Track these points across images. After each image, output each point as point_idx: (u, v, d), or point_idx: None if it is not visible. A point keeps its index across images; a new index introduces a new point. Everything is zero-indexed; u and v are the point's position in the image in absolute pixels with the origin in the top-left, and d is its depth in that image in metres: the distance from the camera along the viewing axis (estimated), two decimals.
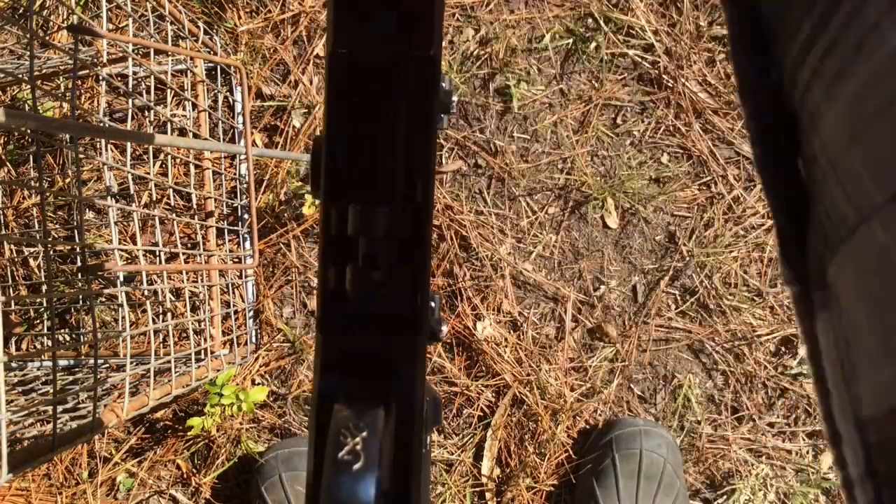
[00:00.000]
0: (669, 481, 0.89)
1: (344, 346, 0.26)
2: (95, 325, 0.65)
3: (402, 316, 0.26)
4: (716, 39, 1.01)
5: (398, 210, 0.26)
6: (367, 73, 0.27)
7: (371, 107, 0.27)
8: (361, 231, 0.26)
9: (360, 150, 0.27)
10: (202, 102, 0.97)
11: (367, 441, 0.22)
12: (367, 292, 0.26)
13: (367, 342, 0.26)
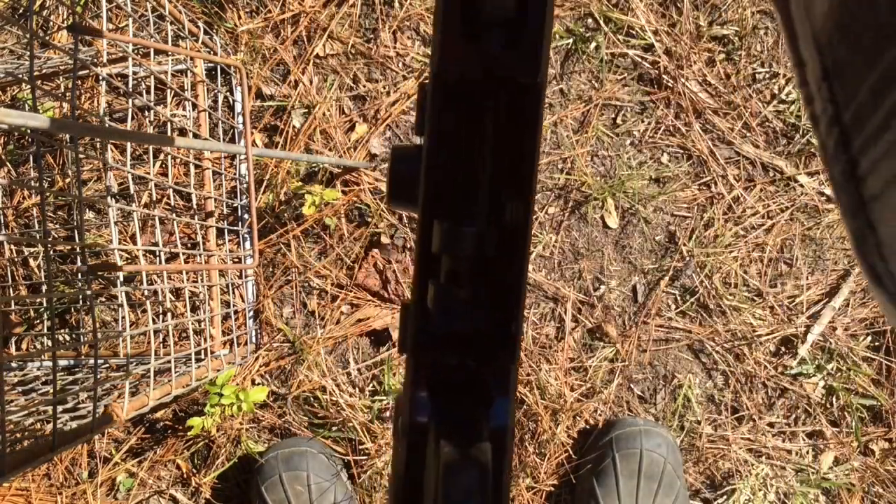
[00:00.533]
0: (670, 481, 0.89)
1: (437, 368, 0.25)
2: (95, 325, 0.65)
3: (498, 339, 0.25)
4: (716, 39, 1.01)
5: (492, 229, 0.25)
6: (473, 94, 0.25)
7: (473, 126, 0.26)
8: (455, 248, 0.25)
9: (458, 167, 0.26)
10: (202, 102, 0.97)
11: (480, 480, 0.21)
12: (462, 313, 0.25)
13: (460, 366, 0.25)
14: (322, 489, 0.91)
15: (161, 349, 0.98)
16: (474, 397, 0.25)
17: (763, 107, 1.00)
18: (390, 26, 1.02)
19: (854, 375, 0.98)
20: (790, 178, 1.00)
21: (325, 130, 1.01)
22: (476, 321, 0.25)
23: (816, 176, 1.00)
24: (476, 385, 0.25)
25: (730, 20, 1.01)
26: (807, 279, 0.99)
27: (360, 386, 1.00)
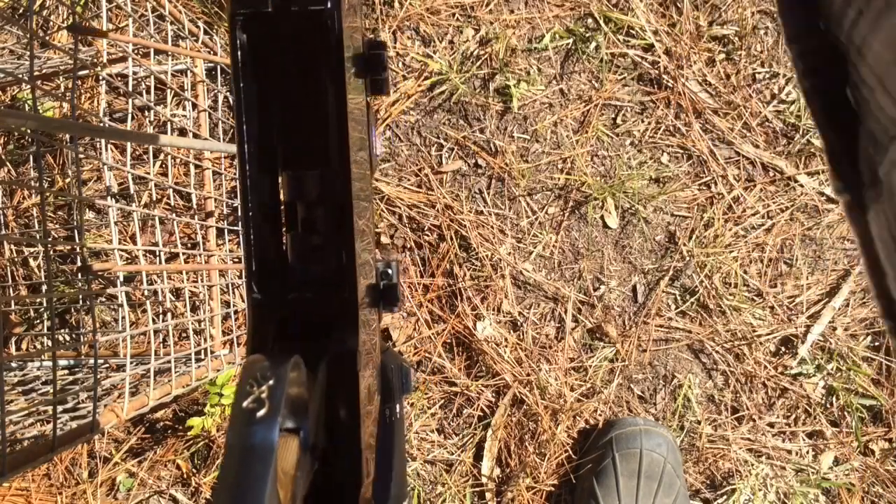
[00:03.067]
0: (670, 481, 0.89)
1: (276, 311, 0.26)
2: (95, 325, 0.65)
3: (332, 278, 0.26)
4: (716, 39, 1.01)
5: (328, 174, 0.26)
6: (271, 36, 0.27)
7: (279, 72, 0.27)
8: (296, 196, 0.26)
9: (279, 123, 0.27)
10: (202, 102, 0.97)
11: (272, 389, 0.22)
12: (300, 257, 0.26)
13: (299, 305, 0.26)
14: None
15: (161, 349, 0.98)
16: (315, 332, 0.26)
17: (763, 107, 1.00)
18: (390, 26, 1.02)
19: (854, 375, 0.98)
20: (790, 178, 1.00)
21: None
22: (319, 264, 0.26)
23: (816, 176, 1.00)
24: (320, 321, 0.26)
25: (730, 20, 1.01)
26: (807, 279, 0.99)
27: None
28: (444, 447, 0.99)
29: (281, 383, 0.22)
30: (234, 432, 0.21)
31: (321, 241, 0.27)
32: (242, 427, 0.21)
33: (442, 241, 1.00)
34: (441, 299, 1.00)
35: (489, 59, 1.01)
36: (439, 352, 0.99)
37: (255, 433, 0.21)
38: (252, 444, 0.21)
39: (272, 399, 0.21)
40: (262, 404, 0.21)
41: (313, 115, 0.27)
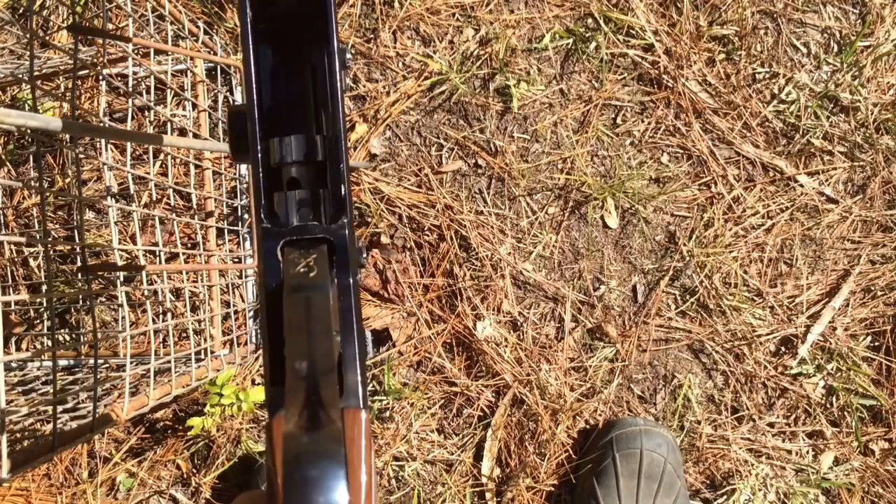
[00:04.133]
0: (670, 481, 0.89)
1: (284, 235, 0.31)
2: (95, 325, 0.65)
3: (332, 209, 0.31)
4: (716, 39, 1.01)
5: (312, 138, 0.31)
6: (273, 14, 0.31)
7: (281, 50, 0.32)
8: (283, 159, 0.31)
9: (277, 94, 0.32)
10: (202, 102, 0.97)
11: (318, 259, 0.28)
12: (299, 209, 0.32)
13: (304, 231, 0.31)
14: None
15: (161, 349, 0.98)
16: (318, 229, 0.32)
17: (763, 107, 1.00)
18: (390, 26, 1.02)
19: (854, 375, 0.98)
20: (790, 178, 1.00)
21: None
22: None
23: (816, 176, 1.00)
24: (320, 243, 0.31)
25: (730, 20, 1.01)
26: (807, 279, 0.99)
27: None
28: (444, 447, 0.99)
29: (323, 255, 0.29)
30: (295, 288, 0.27)
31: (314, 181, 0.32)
32: (303, 282, 0.27)
33: (442, 241, 1.00)
34: (441, 299, 1.00)
35: (489, 59, 1.01)
36: (439, 352, 0.99)
37: (315, 285, 0.27)
38: (312, 294, 0.27)
39: (319, 264, 0.28)
40: (311, 269, 0.28)
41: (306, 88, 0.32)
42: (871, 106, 0.99)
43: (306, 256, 0.28)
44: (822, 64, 1.01)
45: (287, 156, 0.31)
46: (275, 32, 0.32)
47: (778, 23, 1.01)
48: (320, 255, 0.29)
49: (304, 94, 0.32)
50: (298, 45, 0.32)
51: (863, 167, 1.00)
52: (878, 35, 1.00)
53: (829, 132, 1.00)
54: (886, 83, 1.00)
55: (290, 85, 0.32)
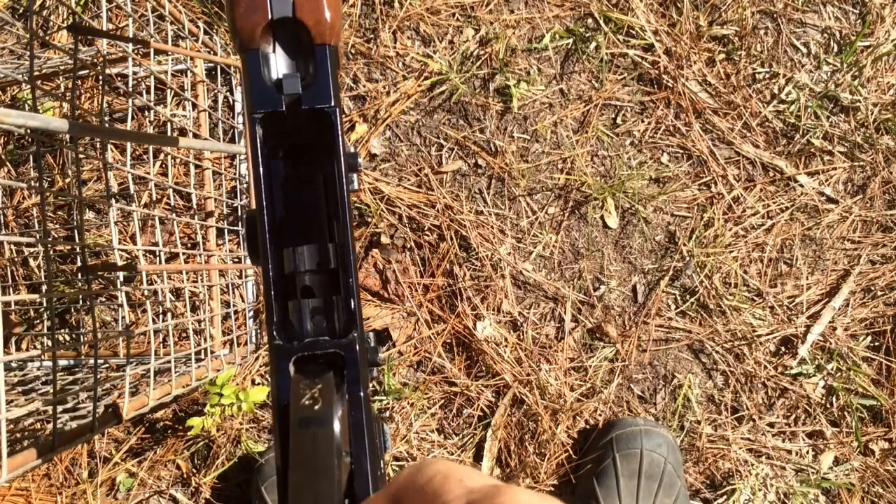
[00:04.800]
0: (670, 481, 0.89)
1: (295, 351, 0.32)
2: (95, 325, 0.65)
3: (344, 321, 0.32)
4: (716, 39, 1.01)
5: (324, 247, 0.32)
6: (284, 132, 0.32)
7: (291, 163, 0.33)
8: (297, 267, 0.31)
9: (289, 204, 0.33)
10: (202, 102, 0.97)
11: (323, 390, 0.28)
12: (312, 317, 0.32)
13: (315, 346, 0.32)
14: None
15: (161, 349, 0.98)
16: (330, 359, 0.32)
17: (763, 107, 1.00)
18: (390, 26, 1.02)
19: (854, 375, 0.98)
20: (790, 178, 1.00)
21: None
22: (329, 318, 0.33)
23: (816, 176, 1.00)
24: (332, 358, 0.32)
25: (730, 20, 1.01)
26: (807, 279, 0.99)
27: None
28: (444, 447, 0.99)
29: (330, 385, 0.29)
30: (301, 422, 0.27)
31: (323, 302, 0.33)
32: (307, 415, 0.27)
33: (442, 241, 1.00)
34: (441, 299, 1.00)
35: (489, 59, 1.01)
36: (439, 352, 0.99)
37: (319, 420, 0.27)
38: (317, 430, 0.27)
39: (325, 396, 0.28)
40: (316, 401, 0.28)
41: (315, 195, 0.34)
42: (871, 106, 0.99)
43: (312, 387, 0.29)
44: (822, 64, 1.01)
45: (300, 265, 0.31)
46: (285, 149, 0.33)
47: (778, 23, 1.01)
48: (326, 384, 0.29)
49: (315, 202, 0.33)
50: (308, 159, 0.33)
51: (863, 167, 1.00)
52: (878, 35, 1.00)
53: (829, 132, 1.00)
54: (886, 83, 1.00)
55: (302, 194, 0.33)
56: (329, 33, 0.32)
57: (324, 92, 0.32)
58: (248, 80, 0.32)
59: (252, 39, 0.32)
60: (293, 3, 0.32)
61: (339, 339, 0.31)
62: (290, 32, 0.32)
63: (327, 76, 0.32)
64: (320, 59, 0.32)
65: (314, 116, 0.32)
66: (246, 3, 0.32)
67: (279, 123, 0.32)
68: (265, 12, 0.32)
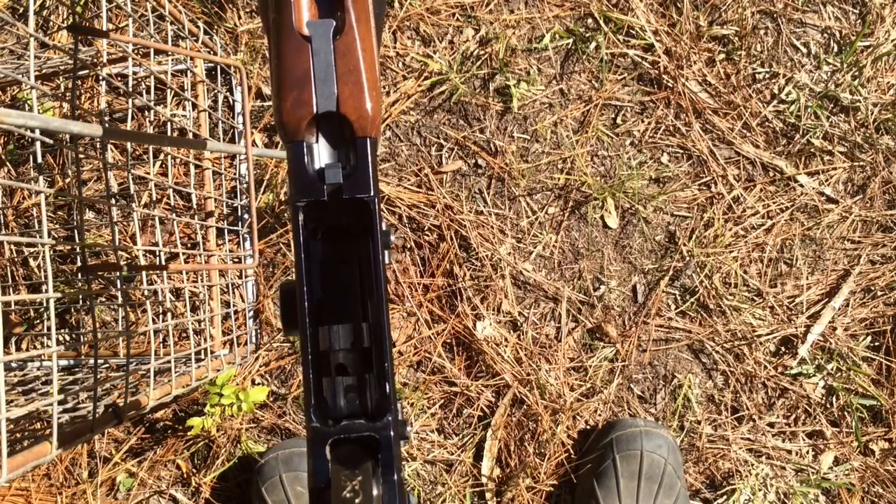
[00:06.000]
0: (670, 482, 0.89)
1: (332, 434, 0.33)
2: (95, 325, 0.65)
3: (377, 401, 0.33)
4: (716, 39, 1.01)
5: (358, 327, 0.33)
6: (324, 217, 0.34)
7: (331, 248, 0.34)
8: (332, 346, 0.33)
9: (326, 282, 0.34)
10: (202, 102, 0.97)
11: (364, 483, 0.29)
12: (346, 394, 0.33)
13: (350, 430, 0.33)
14: None
15: (161, 349, 0.98)
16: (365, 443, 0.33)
17: (763, 107, 1.00)
18: (390, 26, 1.02)
19: (854, 375, 0.98)
20: (790, 178, 1.00)
21: None
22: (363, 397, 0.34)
23: (816, 176, 1.00)
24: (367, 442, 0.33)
25: (730, 20, 1.01)
26: (807, 279, 0.99)
27: None
28: (444, 447, 0.99)
29: (369, 477, 0.30)
30: None
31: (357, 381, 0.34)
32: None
33: (442, 241, 1.00)
34: (441, 299, 1.00)
35: (489, 59, 1.01)
36: (439, 352, 0.99)
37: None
38: None
39: (365, 489, 0.29)
40: (357, 494, 0.29)
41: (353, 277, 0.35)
42: (871, 106, 0.99)
43: (352, 478, 0.30)
44: (822, 64, 1.01)
45: (335, 343, 0.33)
46: (323, 231, 0.34)
47: (778, 23, 1.01)
48: (366, 475, 0.30)
49: (350, 280, 0.35)
50: (345, 239, 0.35)
51: (863, 167, 1.00)
52: (878, 35, 1.00)
53: (829, 132, 1.00)
54: (886, 83, 1.00)
55: (338, 273, 0.35)
56: (370, 127, 0.33)
57: (364, 182, 0.33)
58: (292, 170, 0.33)
59: (297, 132, 0.33)
60: (337, 99, 0.33)
61: (373, 423, 0.32)
62: (333, 125, 0.34)
63: (367, 167, 0.33)
64: (361, 151, 0.33)
65: (354, 204, 0.33)
66: (293, 98, 0.33)
67: (320, 210, 0.33)
68: (311, 107, 0.33)
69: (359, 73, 0.33)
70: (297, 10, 0.33)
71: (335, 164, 0.33)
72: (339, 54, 0.33)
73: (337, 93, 0.33)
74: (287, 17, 0.33)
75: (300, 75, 0.33)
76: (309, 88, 0.33)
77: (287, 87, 0.33)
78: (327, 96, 0.33)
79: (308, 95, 0.33)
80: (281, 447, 0.94)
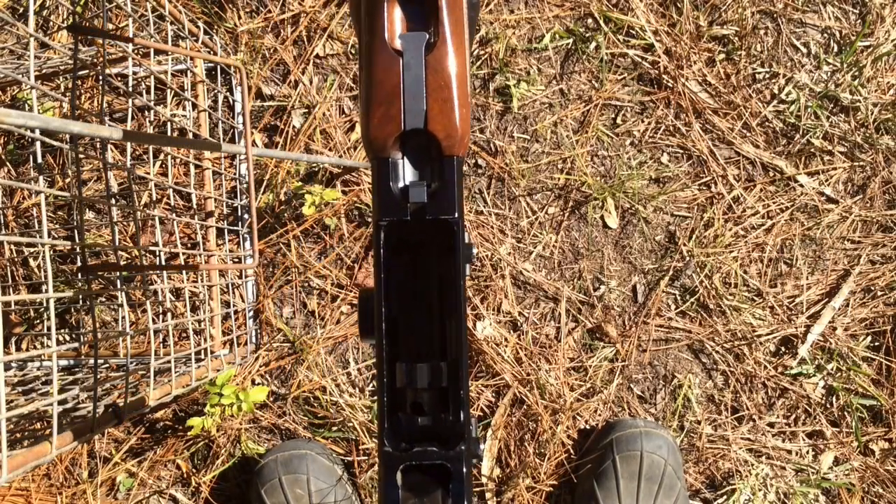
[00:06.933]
0: (670, 482, 0.89)
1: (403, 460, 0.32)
2: (95, 325, 0.65)
3: (450, 434, 0.32)
4: (716, 39, 1.01)
5: (437, 365, 0.32)
6: (406, 237, 0.33)
7: (411, 266, 0.34)
8: (410, 383, 0.32)
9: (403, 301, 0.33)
10: (202, 102, 0.97)
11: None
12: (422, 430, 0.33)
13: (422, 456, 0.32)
14: (322, 493, 0.91)
15: (161, 349, 0.98)
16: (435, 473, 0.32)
17: (763, 107, 1.00)
18: None
19: (854, 375, 0.98)
20: (790, 178, 1.00)
21: (325, 130, 1.01)
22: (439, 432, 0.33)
23: (816, 176, 1.00)
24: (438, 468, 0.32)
25: (730, 20, 1.01)
26: (807, 279, 0.99)
27: (360, 386, 1.00)
28: None
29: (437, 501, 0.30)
30: None
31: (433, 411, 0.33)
32: None
33: None
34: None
35: (489, 59, 1.01)
36: None
37: None
38: None
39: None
40: None
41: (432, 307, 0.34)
42: (871, 106, 0.99)
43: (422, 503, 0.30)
44: (822, 64, 1.01)
45: (413, 382, 0.32)
46: (403, 249, 0.33)
47: (778, 23, 1.01)
48: (434, 502, 0.30)
49: (430, 300, 0.34)
50: (426, 258, 0.34)
51: (863, 167, 1.00)
52: (878, 35, 1.00)
53: (829, 132, 1.00)
54: (886, 83, 1.00)
55: (417, 292, 0.34)
56: (458, 146, 0.32)
57: (449, 203, 0.32)
58: (377, 187, 0.32)
59: (384, 149, 0.32)
60: (426, 116, 0.32)
61: (447, 451, 0.32)
62: (420, 142, 0.33)
63: (454, 188, 0.32)
64: (448, 171, 0.32)
65: (437, 224, 0.32)
66: (381, 114, 0.32)
67: (402, 228, 0.33)
68: (398, 124, 0.32)
69: (450, 89, 0.32)
70: (390, 23, 0.32)
71: (419, 183, 0.33)
72: (430, 69, 0.32)
73: (426, 109, 0.32)
74: (380, 29, 0.32)
75: (390, 90, 0.32)
76: (398, 104, 0.32)
77: (376, 102, 0.32)
78: (416, 113, 0.32)
79: (396, 111, 0.32)
80: (280, 449, 0.94)
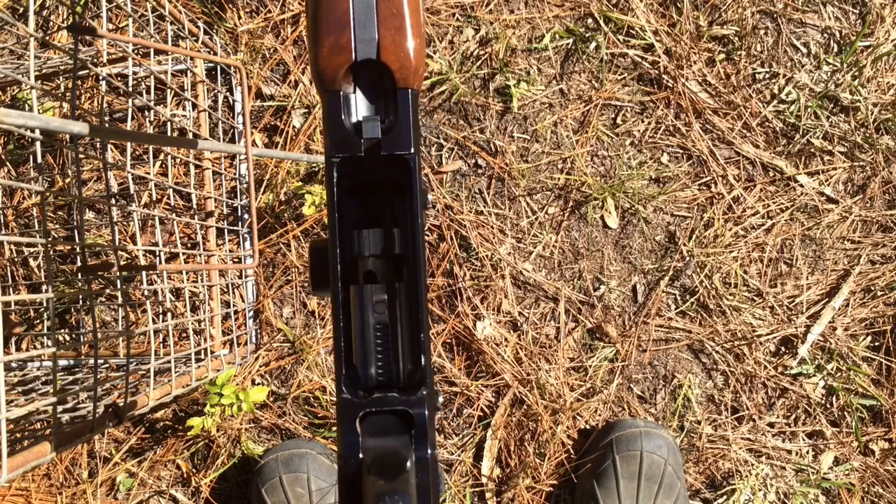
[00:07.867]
0: (670, 482, 0.89)
1: (362, 407, 0.31)
2: (95, 325, 0.65)
3: (410, 372, 0.31)
4: (716, 39, 1.01)
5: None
6: (362, 173, 0.32)
7: (362, 201, 0.33)
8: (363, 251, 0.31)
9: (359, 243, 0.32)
10: (202, 102, 0.97)
11: (395, 458, 0.28)
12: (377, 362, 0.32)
13: (383, 402, 0.31)
14: (323, 492, 0.91)
15: (161, 349, 0.98)
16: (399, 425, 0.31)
17: (763, 107, 1.00)
18: None
19: (854, 375, 0.98)
20: (790, 178, 1.00)
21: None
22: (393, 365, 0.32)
23: (816, 176, 1.00)
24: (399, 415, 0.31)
25: (730, 20, 1.01)
26: (807, 279, 0.99)
27: None
28: (444, 447, 0.99)
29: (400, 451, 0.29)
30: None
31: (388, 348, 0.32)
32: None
33: (442, 241, 1.00)
34: (441, 299, 1.00)
35: (489, 59, 1.01)
36: (439, 352, 0.99)
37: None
38: None
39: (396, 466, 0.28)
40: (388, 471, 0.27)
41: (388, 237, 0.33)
42: (871, 106, 0.99)
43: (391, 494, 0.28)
44: (822, 64, 1.01)
45: (365, 248, 0.31)
46: (357, 187, 0.32)
47: (778, 23, 1.01)
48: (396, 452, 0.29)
49: (386, 241, 0.32)
50: (380, 196, 0.33)
51: (863, 167, 1.00)
52: (878, 35, 1.00)
53: (829, 132, 1.00)
54: (886, 83, 1.00)
55: (372, 232, 0.32)
56: (413, 77, 0.31)
57: (404, 138, 0.31)
58: (327, 122, 0.31)
59: (334, 81, 0.31)
60: (378, 45, 0.31)
61: (408, 396, 0.30)
62: (373, 74, 0.31)
63: (409, 122, 0.31)
64: (402, 104, 0.31)
65: (392, 161, 0.31)
66: (330, 43, 0.31)
67: (356, 166, 0.31)
68: (349, 53, 0.31)
69: (402, 17, 0.30)
70: None
71: (373, 118, 0.31)
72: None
73: (378, 38, 0.31)
74: None
75: (339, 17, 0.30)
76: (347, 33, 0.30)
77: (324, 30, 0.30)
78: (367, 42, 0.30)
79: (346, 41, 0.30)
80: (280, 448, 0.94)
